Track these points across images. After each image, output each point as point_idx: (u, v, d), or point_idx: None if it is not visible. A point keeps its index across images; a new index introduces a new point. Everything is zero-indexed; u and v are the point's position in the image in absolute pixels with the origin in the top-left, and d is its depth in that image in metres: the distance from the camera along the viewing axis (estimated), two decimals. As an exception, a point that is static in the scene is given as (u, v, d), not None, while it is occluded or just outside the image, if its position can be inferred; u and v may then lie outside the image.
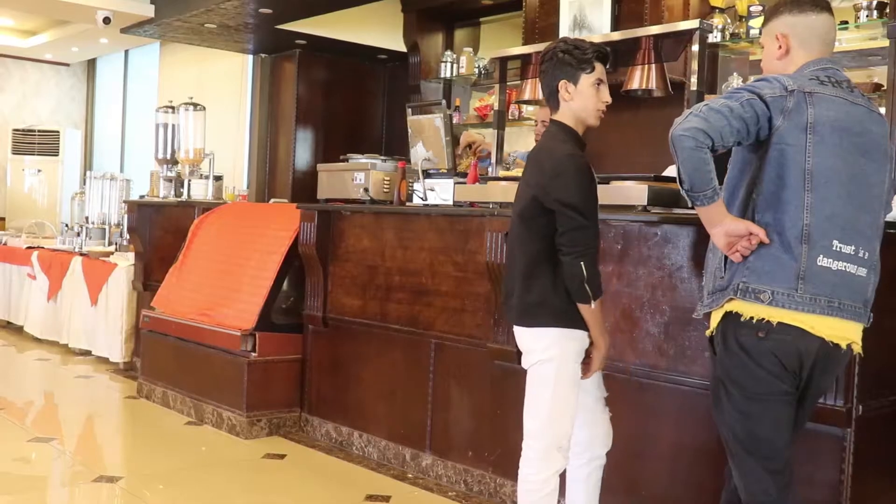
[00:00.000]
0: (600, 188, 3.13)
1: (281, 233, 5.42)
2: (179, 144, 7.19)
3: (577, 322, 2.97)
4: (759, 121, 2.49)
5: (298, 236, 5.19)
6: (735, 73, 5.75)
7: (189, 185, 7.09)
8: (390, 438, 4.70)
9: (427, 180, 4.77)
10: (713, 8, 5.68)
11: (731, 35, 5.64)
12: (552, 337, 2.98)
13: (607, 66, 3.06)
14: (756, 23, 5.50)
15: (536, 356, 3.03)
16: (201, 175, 7.17)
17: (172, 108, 7.35)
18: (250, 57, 9.62)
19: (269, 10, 7.48)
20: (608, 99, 3.03)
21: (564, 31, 6.05)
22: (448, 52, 7.61)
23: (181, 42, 9.41)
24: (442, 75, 7.57)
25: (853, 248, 2.52)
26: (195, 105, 7.19)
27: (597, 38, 4.71)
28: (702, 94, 3.73)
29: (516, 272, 3.06)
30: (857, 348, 2.59)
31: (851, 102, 2.58)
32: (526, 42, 6.24)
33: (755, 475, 2.59)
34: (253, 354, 5.17)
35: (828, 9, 2.71)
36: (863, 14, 5.09)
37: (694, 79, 3.73)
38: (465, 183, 4.59)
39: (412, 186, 4.90)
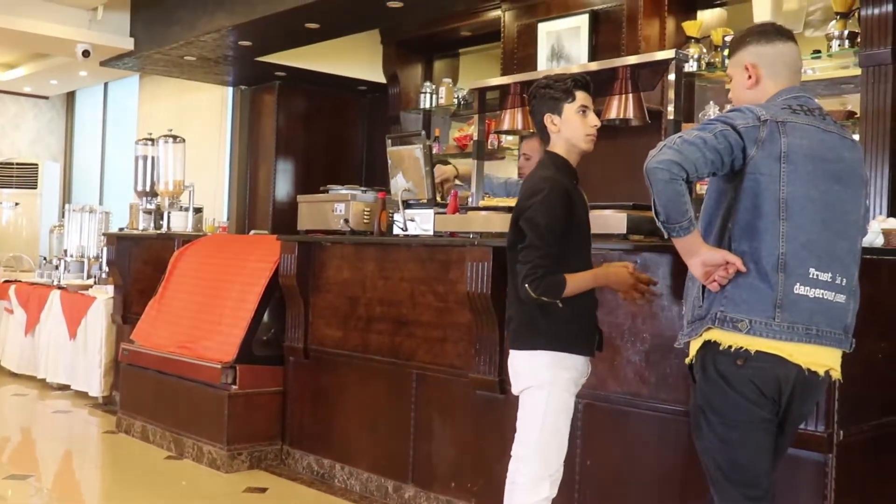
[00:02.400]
0: None
1: (261, 264, 5.41)
2: (159, 176, 7.17)
3: (571, 346, 2.99)
4: (733, 151, 2.51)
5: (279, 268, 5.18)
6: (711, 102, 5.82)
7: (169, 217, 7.07)
8: (372, 470, 4.67)
9: (407, 210, 4.78)
10: (689, 38, 5.76)
11: (707, 64, 5.71)
12: (544, 362, 2.99)
13: (591, 93, 3.12)
14: (732, 52, 5.56)
15: (527, 381, 3.03)
16: (181, 207, 7.15)
17: (152, 140, 7.33)
18: (230, 89, 9.63)
19: (248, 43, 7.51)
20: (596, 122, 3.08)
21: (542, 61, 6.11)
22: (427, 83, 7.65)
23: (161, 74, 9.42)
24: (421, 106, 7.61)
25: (830, 275, 2.53)
26: (175, 137, 7.18)
27: (574, 69, 4.75)
28: (679, 123, 3.75)
29: (512, 297, 3.09)
30: (836, 375, 2.61)
31: (824, 130, 2.61)
32: (504, 72, 6.29)
33: (737, 503, 2.59)
34: (233, 387, 5.13)
35: (793, 38, 2.76)
36: (835, 43, 5.17)
37: (671, 108, 3.76)
38: (445, 213, 4.60)
39: (392, 217, 4.91)
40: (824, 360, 2.56)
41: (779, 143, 2.52)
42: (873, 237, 3.39)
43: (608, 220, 3.59)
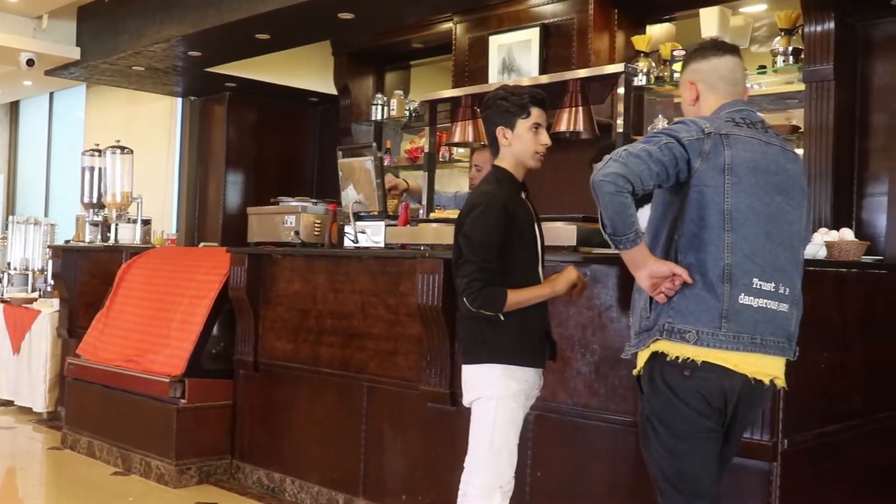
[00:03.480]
0: None
1: (211, 277, 5.35)
2: (106, 188, 7.07)
3: (520, 359, 3.01)
4: (678, 164, 2.55)
5: (229, 280, 5.13)
6: (660, 116, 5.90)
7: (116, 229, 6.97)
8: (323, 484, 4.64)
9: (358, 223, 4.76)
10: (638, 52, 5.83)
11: (656, 78, 5.79)
12: (495, 374, 3.00)
13: (547, 110, 3.14)
14: (679, 66, 5.65)
15: (477, 392, 3.04)
16: (129, 219, 7.06)
17: (99, 151, 7.23)
18: (179, 99, 9.53)
19: (198, 54, 7.44)
20: (547, 141, 3.09)
21: (493, 74, 6.14)
22: (379, 95, 7.65)
23: (108, 84, 9.29)
24: (373, 118, 7.61)
25: (773, 285, 2.58)
26: (122, 148, 7.09)
27: (525, 82, 4.79)
28: (628, 136, 3.80)
29: (460, 313, 3.11)
30: (781, 383, 2.65)
31: (766, 143, 2.66)
32: (456, 85, 6.31)
33: None
34: (182, 401, 5.07)
35: (731, 51, 2.81)
36: (780, 59, 5.27)
37: (620, 121, 3.80)
38: (396, 225, 4.59)
39: (343, 229, 4.89)
40: (769, 368, 2.60)
41: (723, 155, 2.56)
42: (816, 249, 3.46)
43: (558, 232, 3.62)
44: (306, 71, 8.28)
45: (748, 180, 2.57)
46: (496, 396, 3.00)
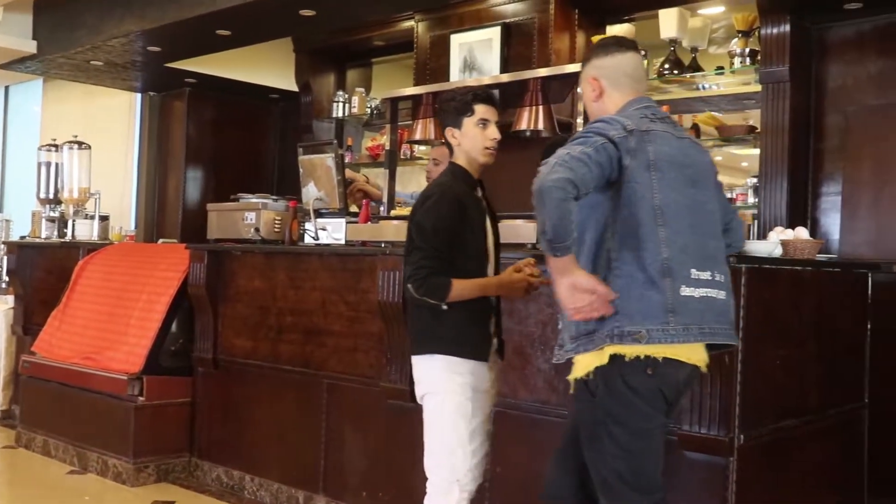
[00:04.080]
0: None
1: (170, 273, 5.31)
2: (63, 184, 6.99)
3: (462, 351, 3.02)
4: (612, 163, 2.55)
5: (188, 277, 5.10)
6: (619, 115, 5.93)
7: (73, 225, 6.89)
8: (283, 481, 4.62)
9: (319, 220, 4.76)
10: (598, 52, 5.86)
11: (616, 78, 5.82)
12: (437, 366, 3.03)
13: (496, 106, 3.17)
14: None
15: (425, 387, 3.07)
16: (86, 215, 6.98)
17: (56, 146, 7.14)
18: (138, 95, 9.44)
19: (157, 49, 7.38)
20: (495, 135, 3.12)
21: (455, 72, 6.16)
22: (340, 92, 7.64)
23: (66, 79, 9.17)
24: (334, 115, 7.59)
25: (709, 273, 2.61)
26: (80, 143, 7.00)
27: (486, 80, 4.82)
28: (587, 135, 3.82)
29: (410, 304, 3.13)
30: (705, 368, 2.67)
31: (678, 137, 2.71)
32: (417, 83, 6.31)
33: None
34: (140, 398, 5.03)
35: (633, 48, 2.84)
36: (737, 60, 5.34)
37: (580, 119, 3.84)
38: (356, 222, 4.59)
39: (304, 226, 4.88)
40: (704, 356, 2.63)
41: (646, 151, 2.58)
42: (772, 247, 3.51)
43: (519, 230, 3.64)
44: (267, 67, 8.24)
45: (670, 174, 2.60)
46: (442, 391, 3.02)
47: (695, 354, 2.59)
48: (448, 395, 3.01)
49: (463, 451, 3.02)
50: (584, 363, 2.63)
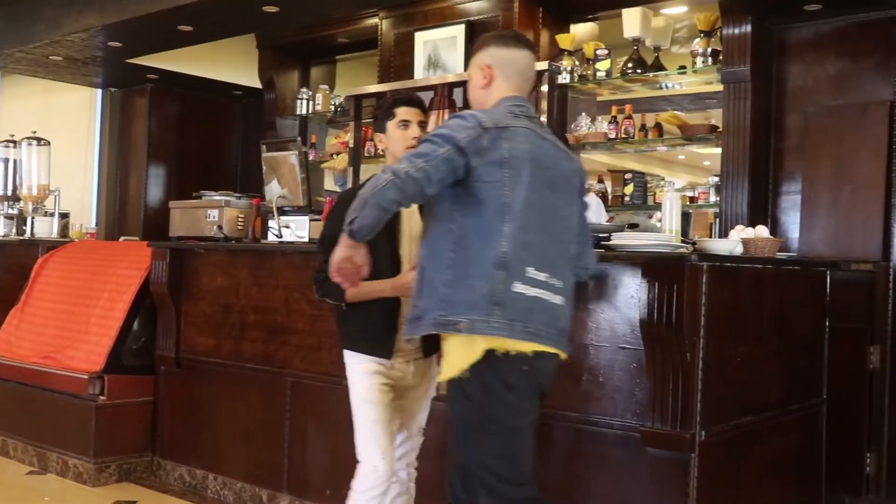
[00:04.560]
0: None
1: (131, 271, 5.26)
2: (22, 180, 6.90)
3: (363, 348, 3.18)
4: (456, 171, 2.57)
5: (150, 275, 5.05)
6: (584, 113, 5.99)
7: (32, 222, 6.80)
8: (246, 480, 4.60)
9: (282, 217, 4.73)
10: (562, 51, 5.91)
11: (580, 77, 5.87)
12: (348, 360, 3.23)
13: (417, 106, 3.28)
14: (603, 65, 5.75)
15: (347, 377, 3.24)
16: (46, 212, 6.90)
17: (14, 142, 7.04)
18: (99, 90, 9.33)
19: (118, 44, 7.29)
20: (415, 134, 3.21)
21: (419, 70, 6.16)
22: (304, 89, 7.61)
23: (24, 74, 9.03)
24: (298, 112, 7.56)
25: (546, 275, 2.63)
26: (39, 139, 6.92)
27: (450, 78, 4.83)
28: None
29: None
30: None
31: (542, 137, 2.73)
32: (381, 80, 6.31)
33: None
34: (101, 398, 4.98)
35: (530, 47, 2.86)
36: (699, 60, 5.39)
37: (544, 118, 3.85)
38: (320, 220, 4.58)
39: (267, 224, 4.85)
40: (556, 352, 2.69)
41: (501, 148, 2.60)
42: (732, 246, 3.54)
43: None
44: (230, 64, 8.18)
45: (525, 172, 2.62)
46: (352, 384, 3.20)
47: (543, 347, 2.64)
48: (355, 388, 3.19)
49: (374, 440, 3.12)
50: (457, 361, 2.61)
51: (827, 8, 4.93)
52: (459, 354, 2.60)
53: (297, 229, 4.71)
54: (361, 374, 3.17)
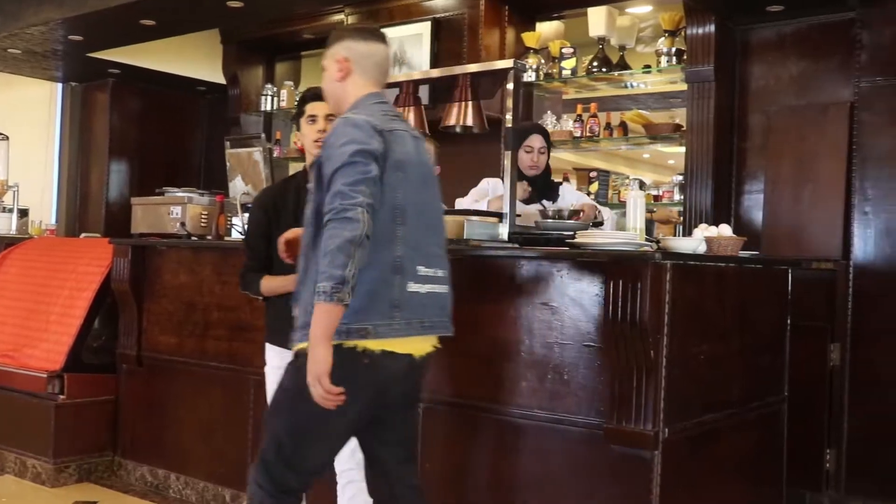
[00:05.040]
0: None
1: (92, 268, 5.19)
2: (-20, 176, 6.79)
3: (274, 339, 3.33)
4: (379, 183, 2.56)
5: (111, 272, 4.99)
6: (549, 112, 6.00)
7: (-9, 218, 6.70)
8: (209, 479, 4.56)
9: (246, 214, 4.69)
10: (528, 49, 5.92)
11: (545, 75, 5.89)
12: (268, 352, 3.42)
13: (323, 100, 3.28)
14: (568, 63, 5.76)
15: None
16: (4, 208, 6.80)
17: (-28, 137, 6.93)
18: (59, 85, 9.20)
19: (79, 38, 7.19)
20: (320, 127, 3.28)
21: (385, 67, 6.13)
22: (269, 86, 7.56)
23: (-18, 67, 8.91)
24: (262, 108, 7.51)
25: (434, 270, 2.72)
26: (-2, 134, 6.81)
27: (416, 75, 4.80)
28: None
29: None
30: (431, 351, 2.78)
31: (413, 136, 2.79)
32: (347, 77, 6.27)
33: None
34: (61, 397, 4.91)
35: (385, 41, 2.89)
36: (664, 59, 5.42)
37: (509, 116, 3.84)
38: (285, 217, 4.54)
39: (231, 220, 4.82)
40: (428, 345, 2.74)
41: (392, 151, 2.63)
42: (696, 244, 3.56)
43: (447, 225, 3.63)
44: (194, 59, 8.11)
45: (411, 174, 2.67)
46: (266, 371, 3.39)
47: (410, 345, 2.67)
48: (268, 378, 3.38)
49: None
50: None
51: (789, 9, 4.98)
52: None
53: (261, 226, 4.66)
54: (276, 364, 3.27)
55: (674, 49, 5.38)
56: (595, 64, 5.73)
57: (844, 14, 4.96)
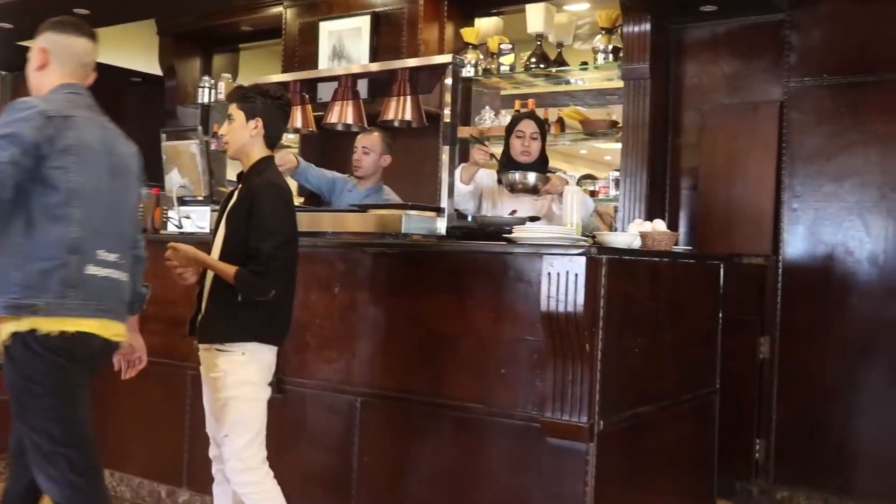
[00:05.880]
0: (358, 215, 3.53)
1: (23, 262, 5.08)
2: None
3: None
4: (26, 170, 2.66)
5: (43, 266, 4.88)
6: (487, 107, 6.03)
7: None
8: (144, 475, 4.51)
9: (182, 207, 4.65)
10: (467, 44, 5.94)
11: (484, 70, 5.92)
12: None
13: (230, 99, 3.38)
14: (506, 59, 5.80)
15: None
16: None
17: None
18: (-11, 74, 8.99)
19: (9, 25, 7.02)
20: (222, 131, 3.35)
21: (324, 60, 6.12)
22: (206, 78, 7.47)
23: None
24: (199, 100, 7.41)
25: (116, 256, 2.86)
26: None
27: (355, 69, 4.80)
28: (455, 127, 3.86)
29: None
30: (123, 339, 2.98)
31: (104, 126, 2.92)
32: (285, 69, 6.24)
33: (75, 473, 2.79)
34: (-11, 393, 4.81)
35: (90, 36, 3.01)
36: (601, 57, 5.49)
37: (447, 111, 3.85)
38: (222, 210, 4.51)
39: (167, 214, 4.76)
40: (119, 330, 2.91)
41: (67, 137, 2.73)
42: (631, 239, 3.62)
43: (385, 220, 3.65)
44: (129, 50, 7.97)
45: (92, 160, 2.79)
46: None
47: (107, 329, 2.83)
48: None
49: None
50: (6, 329, 2.74)
51: (722, 10, 5.08)
52: (10, 323, 2.71)
53: (198, 220, 4.62)
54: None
55: (610, 47, 5.45)
56: (533, 60, 5.78)
57: (774, 15, 5.07)
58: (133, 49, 7.92)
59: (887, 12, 4.79)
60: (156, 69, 7.78)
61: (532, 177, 4.06)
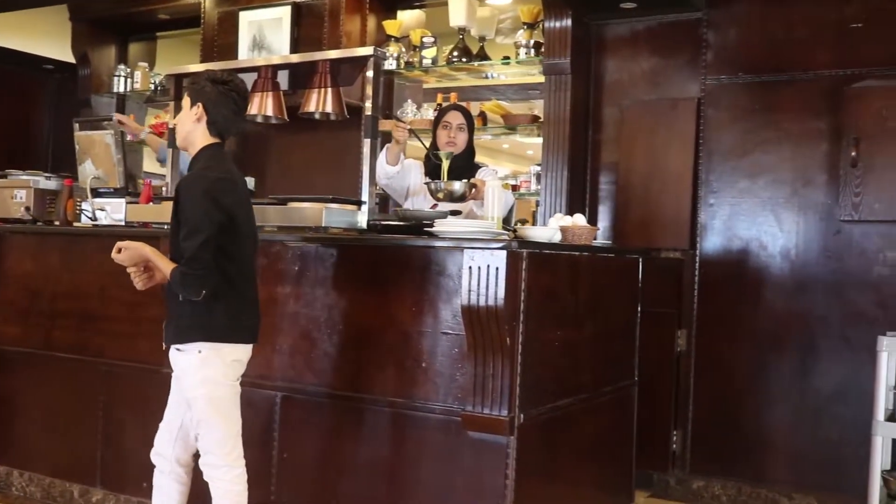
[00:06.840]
0: (278, 209, 3.40)
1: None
2: None
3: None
4: None
5: (-52, 259, 4.72)
6: (409, 100, 6.01)
7: None
8: (56, 475, 4.39)
9: (96, 199, 4.53)
10: (389, 37, 5.91)
11: (406, 63, 5.90)
12: None
13: (185, 94, 3.23)
14: (429, 53, 5.79)
15: None
16: None
17: None
18: None
19: (-87, 10, 6.77)
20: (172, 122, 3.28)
21: (243, 50, 6.02)
22: (122, 66, 7.30)
23: None
24: (115, 90, 7.25)
25: None
26: None
27: (276, 60, 4.73)
28: (377, 119, 3.84)
29: None
30: None
31: None
32: (204, 59, 6.14)
33: None
34: None
35: None
36: (522, 51, 5.51)
37: (369, 104, 3.83)
38: (137, 202, 4.41)
39: (80, 206, 4.64)
40: None
41: None
42: (551, 233, 3.65)
43: (306, 213, 3.61)
44: (41, 36, 7.73)
45: None
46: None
47: None
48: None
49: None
50: None
51: (641, 7, 5.14)
52: None
53: (113, 212, 4.52)
54: None
55: (532, 41, 5.48)
56: (455, 54, 5.78)
57: (692, 14, 5.16)
58: (46, 35, 7.70)
59: (798, 14, 4.91)
60: (69, 56, 7.57)
61: (458, 185, 4.02)
